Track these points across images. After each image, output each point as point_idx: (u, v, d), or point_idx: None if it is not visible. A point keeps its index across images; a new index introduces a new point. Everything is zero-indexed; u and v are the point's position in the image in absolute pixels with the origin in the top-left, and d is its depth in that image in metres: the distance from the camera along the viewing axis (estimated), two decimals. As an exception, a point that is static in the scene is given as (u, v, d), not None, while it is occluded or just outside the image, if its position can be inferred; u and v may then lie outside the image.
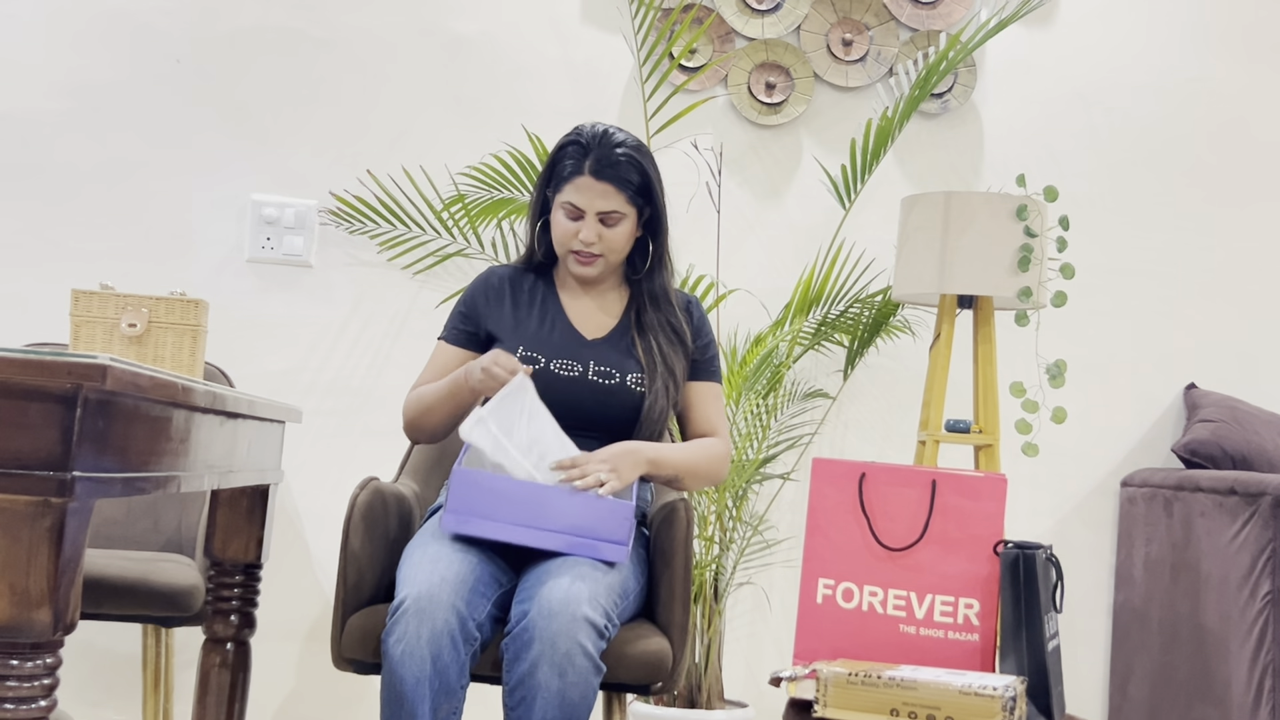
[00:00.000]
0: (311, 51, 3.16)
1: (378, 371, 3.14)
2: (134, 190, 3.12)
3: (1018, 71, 3.35)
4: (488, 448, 2.00)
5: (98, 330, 2.67)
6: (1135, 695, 3.14)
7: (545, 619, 1.86)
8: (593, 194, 2.16)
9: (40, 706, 1.30)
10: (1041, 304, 2.82)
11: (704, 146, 3.25)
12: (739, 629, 3.21)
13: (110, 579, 2.41)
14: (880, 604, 2.18)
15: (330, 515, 3.12)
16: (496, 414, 2.01)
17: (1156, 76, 3.40)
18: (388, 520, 2.16)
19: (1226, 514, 2.85)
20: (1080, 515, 3.32)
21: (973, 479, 2.18)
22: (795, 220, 3.27)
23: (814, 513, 2.23)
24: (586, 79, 3.22)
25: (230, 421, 1.93)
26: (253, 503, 2.28)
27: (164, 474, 1.55)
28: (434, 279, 3.16)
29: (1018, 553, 2.09)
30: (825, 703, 1.98)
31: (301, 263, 3.13)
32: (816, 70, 3.26)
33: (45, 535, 1.27)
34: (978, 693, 1.90)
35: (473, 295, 2.29)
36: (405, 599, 1.88)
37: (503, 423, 2.02)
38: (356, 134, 3.16)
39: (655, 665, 2.02)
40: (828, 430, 3.25)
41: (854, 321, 3.10)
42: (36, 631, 1.27)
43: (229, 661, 2.26)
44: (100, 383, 1.26)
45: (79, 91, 3.10)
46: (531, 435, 2.04)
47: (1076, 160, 3.37)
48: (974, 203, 2.76)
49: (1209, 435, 3.10)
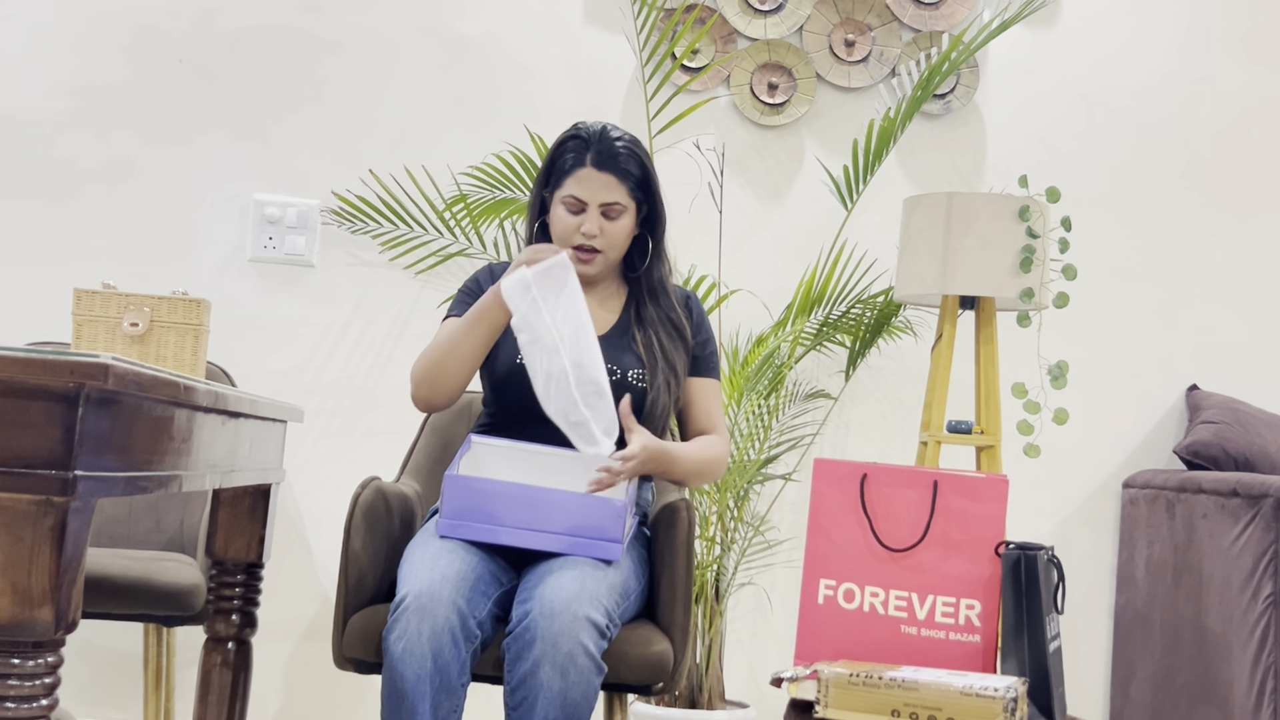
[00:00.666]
0: (314, 51, 3.16)
1: (380, 371, 3.14)
2: (136, 189, 3.12)
3: (1020, 72, 3.35)
4: (523, 309, 1.99)
5: (100, 329, 2.67)
6: (1136, 697, 3.13)
7: (547, 619, 1.86)
8: (595, 185, 2.17)
9: (41, 705, 1.30)
10: (1044, 305, 2.81)
11: (706, 147, 3.25)
12: (740, 629, 3.21)
13: (112, 578, 2.41)
14: (881, 605, 2.18)
15: (332, 515, 3.12)
16: (540, 281, 2.01)
17: (1159, 78, 3.39)
18: (389, 520, 2.16)
19: (1229, 516, 2.85)
20: (1082, 516, 3.32)
21: (974, 480, 2.18)
22: (797, 221, 3.27)
23: (815, 513, 2.23)
24: (589, 79, 3.22)
25: (232, 421, 1.93)
26: (254, 502, 2.28)
27: (166, 473, 1.55)
28: (436, 279, 3.16)
29: (1019, 554, 2.09)
30: (826, 703, 1.97)
31: (304, 262, 3.13)
32: (819, 71, 3.26)
33: (47, 534, 1.27)
34: (979, 694, 1.90)
35: (479, 278, 2.29)
36: (406, 596, 1.88)
37: (544, 290, 2.02)
38: (359, 133, 3.16)
39: (656, 665, 2.02)
40: (829, 431, 3.25)
41: (856, 322, 3.10)
42: (38, 630, 1.27)
43: (230, 661, 2.26)
44: (102, 382, 1.26)
45: (82, 91, 3.10)
46: (566, 313, 2.05)
47: (1079, 161, 3.36)
48: (976, 204, 2.76)
49: (1211, 437, 3.10)
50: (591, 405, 2.00)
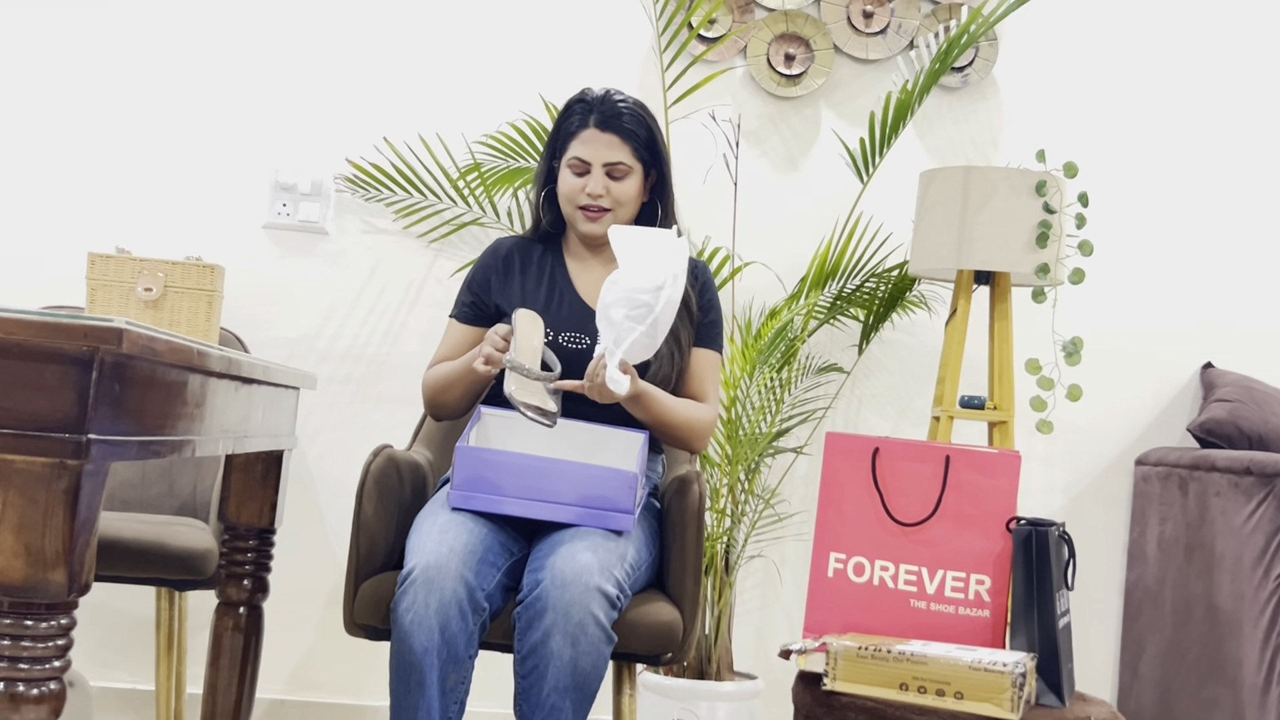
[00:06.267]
0: (329, 17, 3.15)
1: (393, 339, 3.14)
2: (150, 154, 3.11)
3: (1039, 46, 3.33)
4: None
5: (114, 294, 2.67)
6: (1146, 674, 3.14)
7: (558, 589, 1.86)
8: (598, 145, 2.18)
9: (54, 667, 1.31)
10: (1059, 281, 2.80)
11: (722, 118, 3.23)
12: (749, 601, 3.22)
13: (125, 541, 2.42)
14: (891, 579, 2.18)
15: (344, 482, 3.13)
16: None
17: (1179, 52, 3.36)
18: (401, 488, 2.17)
19: (1241, 494, 2.84)
20: (1094, 493, 3.32)
21: (987, 455, 2.17)
22: (813, 193, 3.26)
23: (826, 486, 2.23)
24: (604, 48, 3.21)
25: (245, 387, 1.94)
26: (267, 468, 2.28)
27: (179, 438, 1.55)
28: (449, 247, 3.16)
29: (1030, 530, 2.09)
30: (835, 676, 1.98)
31: (318, 229, 3.13)
32: (837, 42, 3.24)
33: (61, 497, 1.27)
34: (988, 668, 1.90)
35: (479, 271, 2.30)
36: (414, 568, 1.89)
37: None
38: (373, 101, 3.15)
39: (666, 636, 2.03)
40: (841, 405, 3.25)
41: (870, 296, 3.09)
42: (51, 592, 1.28)
43: (242, 625, 2.28)
44: (116, 346, 1.26)
45: (96, 55, 3.10)
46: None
47: (1097, 136, 3.34)
48: (993, 178, 2.75)
49: (1225, 415, 3.09)
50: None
